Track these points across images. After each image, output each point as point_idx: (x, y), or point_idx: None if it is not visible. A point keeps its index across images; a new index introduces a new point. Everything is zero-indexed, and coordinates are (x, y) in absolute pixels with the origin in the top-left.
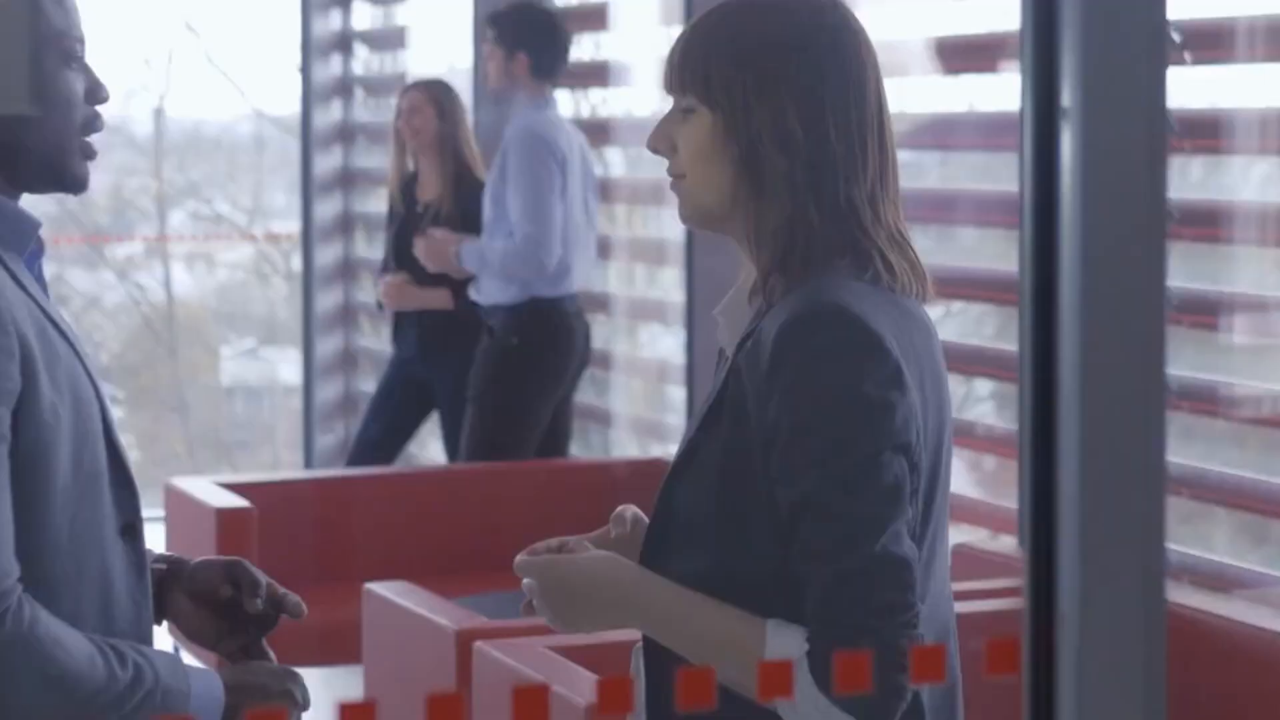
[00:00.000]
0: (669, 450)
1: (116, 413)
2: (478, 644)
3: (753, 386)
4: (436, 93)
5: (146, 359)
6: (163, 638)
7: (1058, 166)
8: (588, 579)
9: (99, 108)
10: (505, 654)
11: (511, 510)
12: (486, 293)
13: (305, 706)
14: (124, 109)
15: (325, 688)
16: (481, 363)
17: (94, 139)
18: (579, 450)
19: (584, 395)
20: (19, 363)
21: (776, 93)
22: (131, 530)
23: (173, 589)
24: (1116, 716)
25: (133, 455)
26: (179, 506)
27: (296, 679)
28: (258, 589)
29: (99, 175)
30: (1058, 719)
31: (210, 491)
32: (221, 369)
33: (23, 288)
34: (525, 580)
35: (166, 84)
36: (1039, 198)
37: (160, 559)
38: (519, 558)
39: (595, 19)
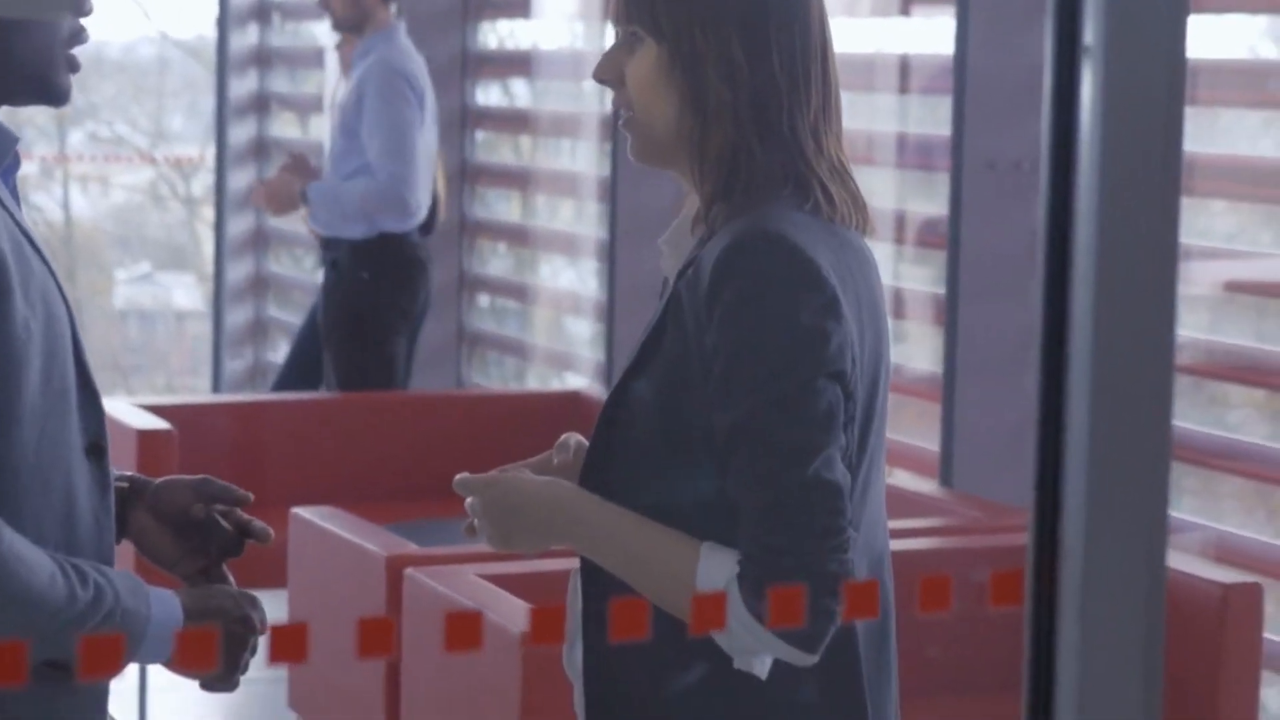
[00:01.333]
0: (583, 384)
1: None
2: (409, 570)
3: (692, 313)
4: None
5: None
6: (124, 558)
7: (1078, 104)
8: (527, 498)
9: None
10: (437, 581)
11: (431, 439)
12: (328, 225)
13: (263, 631)
14: None
15: None
16: (332, 300)
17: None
18: (497, 381)
19: (501, 327)
20: None
21: (721, 23)
22: (97, 449)
23: (135, 507)
24: (1115, 649)
25: None
26: None
27: (255, 603)
28: (232, 496)
29: None
30: (1058, 653)
31: (130, 413)
32: (116, 293)
33: (0, 203)
34: (467, 500)
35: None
36: (1058, 135)
37: (122, 477)
38: (459, 476)
39: None
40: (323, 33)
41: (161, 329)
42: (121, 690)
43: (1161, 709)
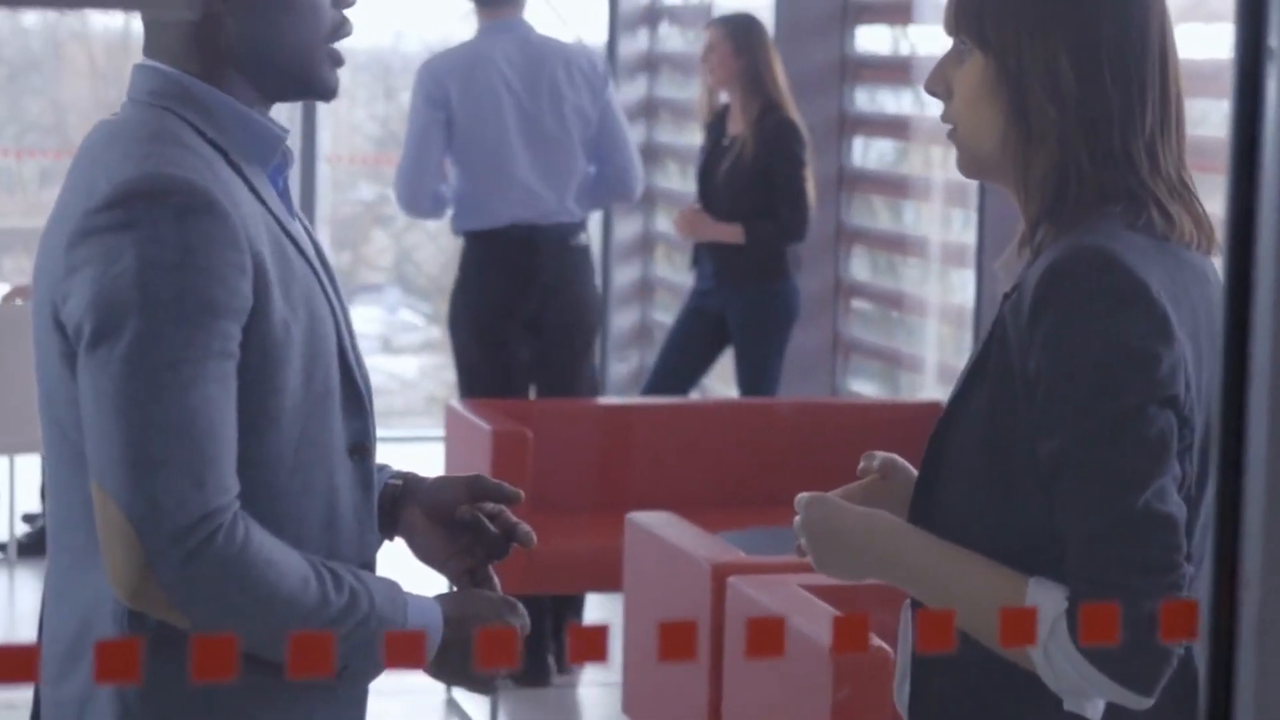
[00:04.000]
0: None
1: (430, 332)
2: (732, 579)
3: (1016, 336)
4: (733, 29)
5: None
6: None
7: (1263, 108)
8: (846, 525)
9: (346, 12)
10: (758, 590)
11: (786, 447)
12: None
13: (524, 635)
14: (448, 34)
15: (594, 615)
16: None
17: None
18: (882, 392)
19: (882, 337)
20: (251, 280)
21: (1050, 35)
22: (361, 450)
23: (408, 505)
24: None
25: (445, 376)
26: (457, 428)
27: (516, 609)
28: (501, 494)
29: None
30: (1237, 691)
31: (490, 414)
32: None
33: (263, 202)
34: (796, 518)
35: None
36: (1241, 140)
37: (397, 475)
38: (802, 494)
39: None
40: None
41: None
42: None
43: None
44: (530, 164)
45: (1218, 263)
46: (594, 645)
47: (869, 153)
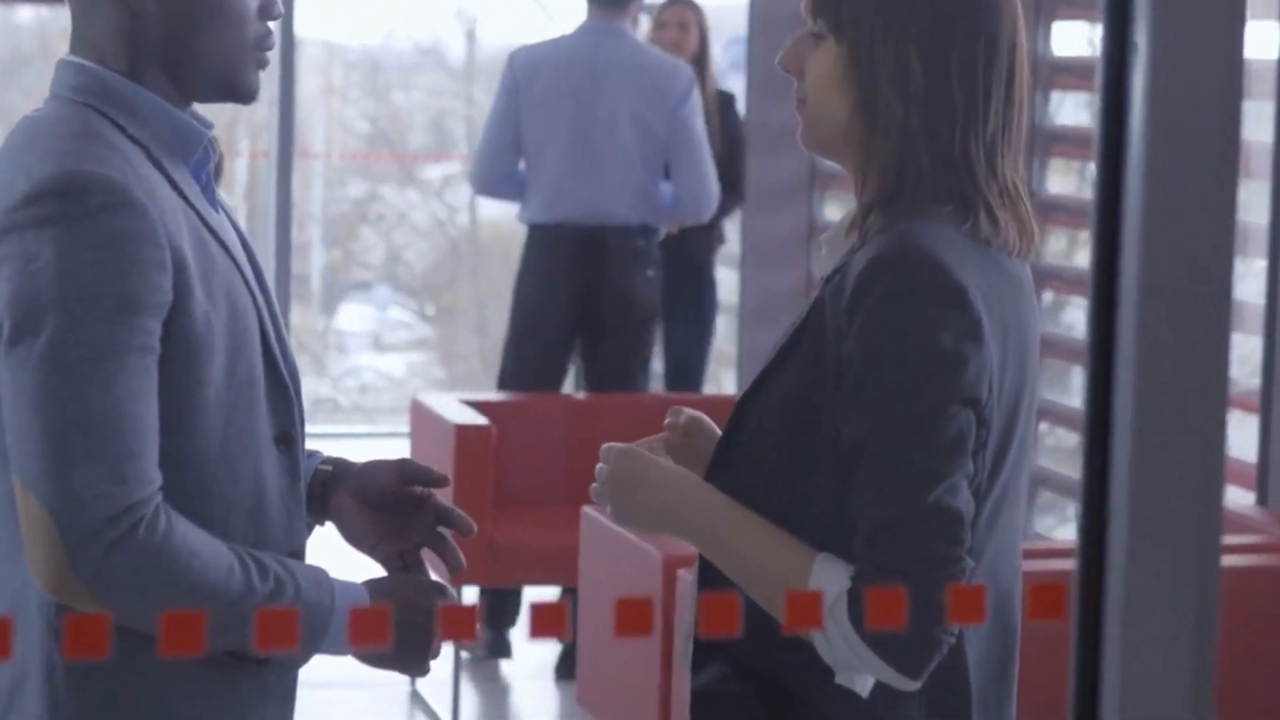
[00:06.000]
0: None
1: (420, 330)
2: (681, 570)
3: (833, 318)
4: (700, 13)
5: (451, 279)
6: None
7: (1128, 103)
8: (657, 477)
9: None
10: None
11: None
12: None
13: None
14: (437, 33)
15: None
16: None
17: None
18: None
19: None
20: (171, 275)
21: (903, 32)
22: (287, 438)
23: (338, 490)
24: (1164, 670)
25: (434, 373)
26: (422, 421)
27: (445, 593)
28: (429, 477)
29: (413, 96)
30: (1104, 668)
31: (453, 408)
32: None
33: (184, 197)
34: (599, 466)
35: (479, 9)
36: (1109, 134)
37: (327, 460)
38: (605, 445)
39: None
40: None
41: None
42: (435, 682)
43: None
44: (574, 165)
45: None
46: (554, 622)
47: None
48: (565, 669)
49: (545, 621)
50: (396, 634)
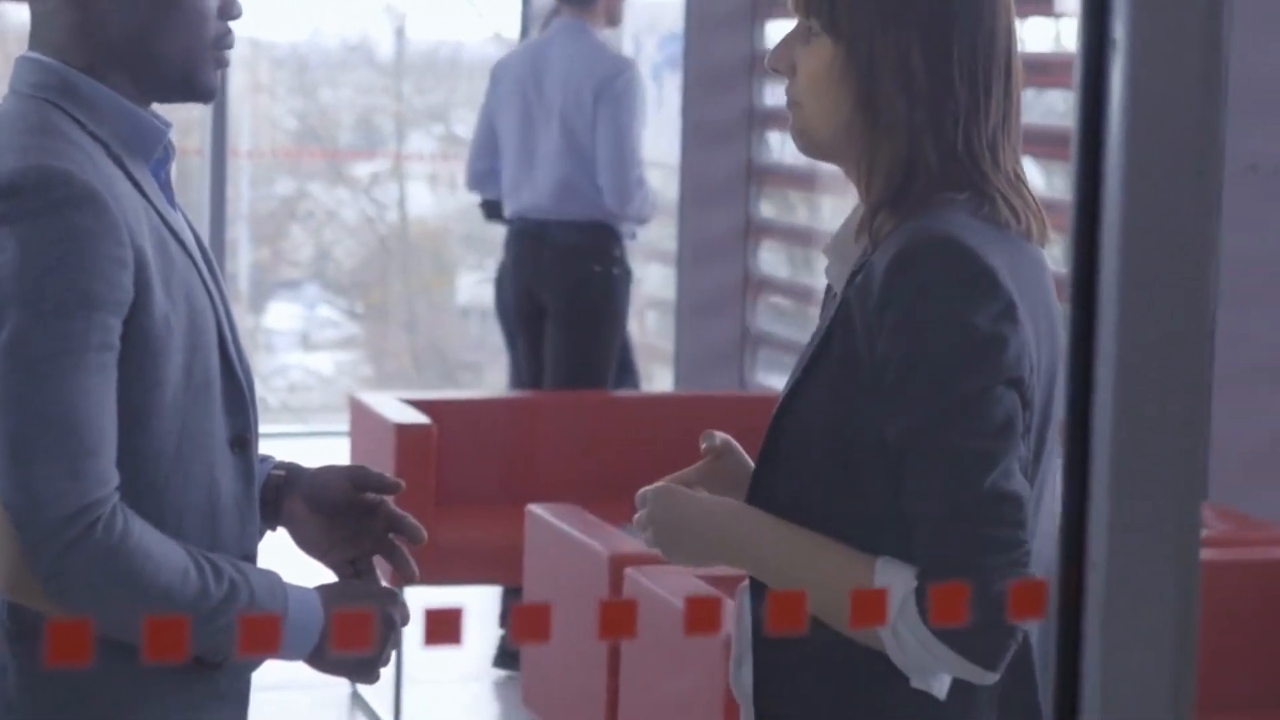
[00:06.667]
0: None
1: (349, 328)
2: (628, 570)
3: (862, 321)
4: None
5: (380, 277)
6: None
7: (1107, 98)
8: (698, 513)
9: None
10: (655, 581)
11: (692, 440)
12: None
13: (405, 625)
14: (366, 29)
15: (495, 607)
16: None
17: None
18: (782, 384)
19: (792, 330)
20: (132, 273)
21: (903, 27)
22: (242, 442)
23: (290, 495)
24: (1144, 666)
25: (362, 370)
26: (362, 420)
27: (397, 600)
28: (382, 484)
29: (341, 93)
30: (1084, 667)
31: (393, 407)
32: (458, 289)
33: (144, 195)
34: (638, 514)
35: (407, 5)
36: (1087, 130)
37: (280, 465)
38: (644, 489)
39: None
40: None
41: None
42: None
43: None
44: (521, 162)
45: (1053, 252)
46: (538, 626)
47: (774, 147)
48: (502, 660)
49: (440, 629)
50: None
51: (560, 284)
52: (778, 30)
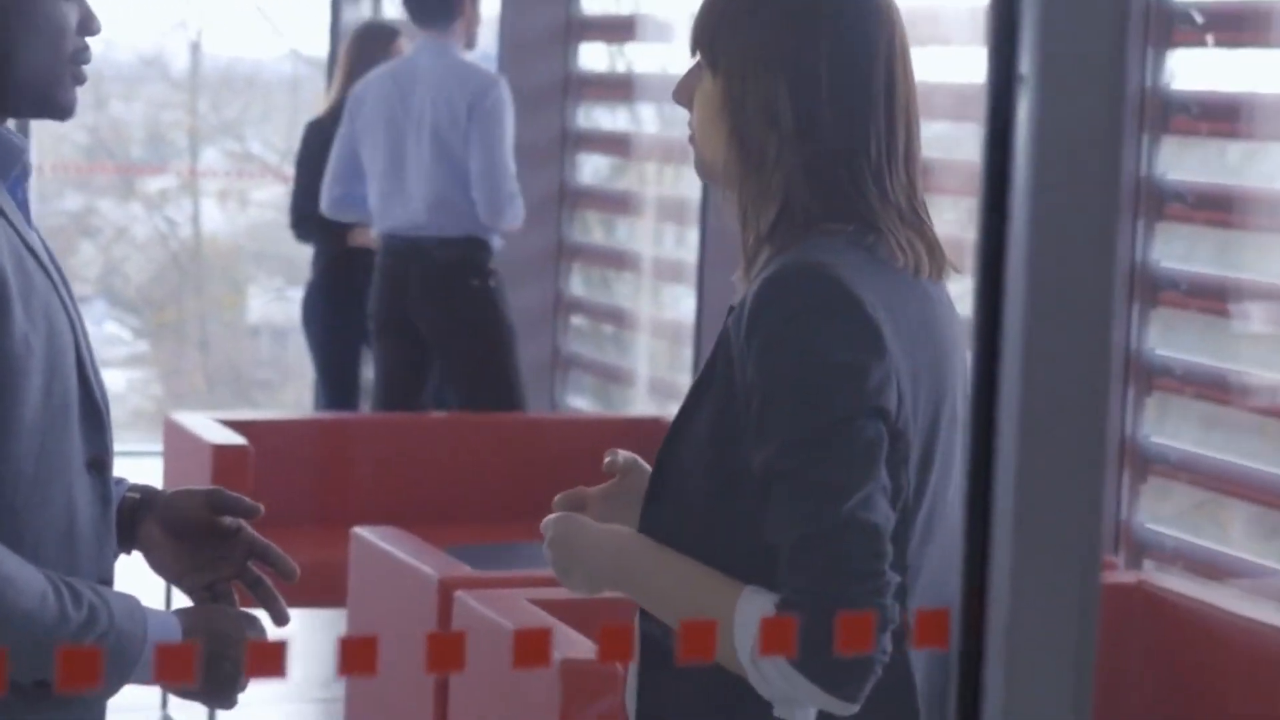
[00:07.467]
0: (673, 411)
1: (138, 346)
2: (459, 593)
3: (736, 349)
4: None
5: (172, 293)
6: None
7: (1013, 132)
8: (588, 543)
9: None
10: (486, 605)
11: (507, 461)
12: None
13: None
14: (161, 43)
15: (312, 630)
16: None
17: (116, 71)
18: (599, 407)
19: (599, 352)
20: None
21: (771, 67)
22: (99, 464)
23: (145, 518)
24: (1045, 696)
25: (152, 390)
26: (177, 441)
27: (256, 625)
28: (241, 507)
29: (134, 107)
30: (985, 696)
31: (209, 428)
32: (249, 308)
33: (3, 214)
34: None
35: (204, 20)
36: (993, 164)
37: (134, 488)
38: (549, 516)
39: None
40: None
41: (294, 345)
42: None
43: None
44: (391, 181)
45: (958, 287)
46: (364, 658)
47: (586, 169)
48: None
49: (264, 662)
50: (204, 667)
51: (440, 302)
52: (591, 53)
